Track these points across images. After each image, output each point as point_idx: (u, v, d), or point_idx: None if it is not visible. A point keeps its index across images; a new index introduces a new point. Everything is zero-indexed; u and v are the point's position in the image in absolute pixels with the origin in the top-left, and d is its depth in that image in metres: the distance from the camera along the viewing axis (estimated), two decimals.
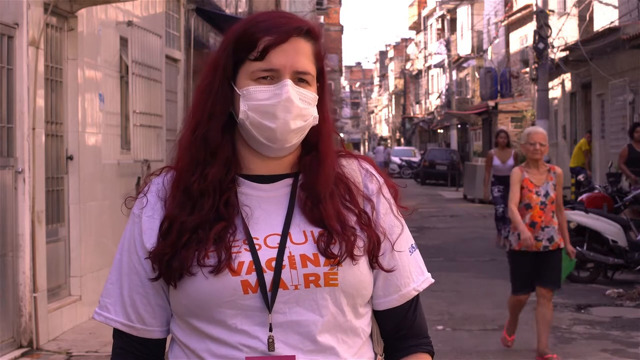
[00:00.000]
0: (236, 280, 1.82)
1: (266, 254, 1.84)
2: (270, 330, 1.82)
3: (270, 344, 1.81)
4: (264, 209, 1.89)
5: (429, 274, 2.01)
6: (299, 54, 1.87)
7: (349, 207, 1.91)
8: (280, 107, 1.84)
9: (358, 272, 1.88)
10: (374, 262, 1.91)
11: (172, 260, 1.85)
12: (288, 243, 1.85)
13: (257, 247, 1.84)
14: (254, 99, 1.86)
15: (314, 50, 1.91)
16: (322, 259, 1.84)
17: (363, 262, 1.89)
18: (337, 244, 1.85)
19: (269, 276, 1.82)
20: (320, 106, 1.92)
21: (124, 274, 1.93)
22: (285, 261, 1.83)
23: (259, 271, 1.82)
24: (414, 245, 1.99)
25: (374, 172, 1.99)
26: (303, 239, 1.86)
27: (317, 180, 1.90)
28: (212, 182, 1.87)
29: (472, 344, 8.20)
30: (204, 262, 1.82)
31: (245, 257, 1.83)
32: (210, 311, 1.83)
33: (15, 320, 7.26)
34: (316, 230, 1.87)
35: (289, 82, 1.84)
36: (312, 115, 1.89)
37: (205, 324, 1.85)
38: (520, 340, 8.32)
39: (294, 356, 1.82)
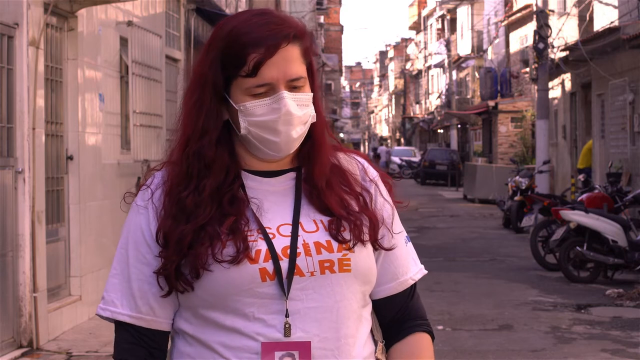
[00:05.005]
0: (254, 268, 1.83)
1: (281, 242, 1.86)
2: (287, 316, 1.84)
3: (287, 330, 1.83)
4: (272, 201, 1.92)
5: (422, 266, 2.06)
6: (289, 62, 1.87)
7: (347, 192, 1.95)
8: (281, 121, 1.86)
9: (368, 258, 1.92)
10: (375, 244, 1.94)
11: (180, 267, 1.85)
12: (300, 231, 1.88)
13: (270, 236, 1.87)
14: (252, 114, 1.87)
15: (302, 50, 1.90)
16: (335, 245, 1.88)
17: (370, 247, 1.93)
18: (346, 230, 1.89)
19: (284, 264, 1.85)
20: (313, 98, 1.93)
21: (131, 266, 1.92)
22: (300, 249, 1.86)
23: (275, 259, 1.84)
24: (407, 237, 2.05)
25: (368, 167, 2.03)
26: (314, 228, 1.90)
27: (314, 168, 1.94)
28: (209, 194, 1.88)
29: (472, 344, 8.20)
30: (221, 256, 1.83)
31: (262, 245, 1.85)
32: (227, 300, 1.84)
33: (15, 320, 7.26)
34: (325, 219, 1.91)
35: (285, 95, 1.85)
36: (310, 116, 1.91)
37: (220, 314, 1.85)
38: (520, 340, 8.33)
39: (309, 342, 1.84)
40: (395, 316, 2.01)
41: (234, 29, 1.88)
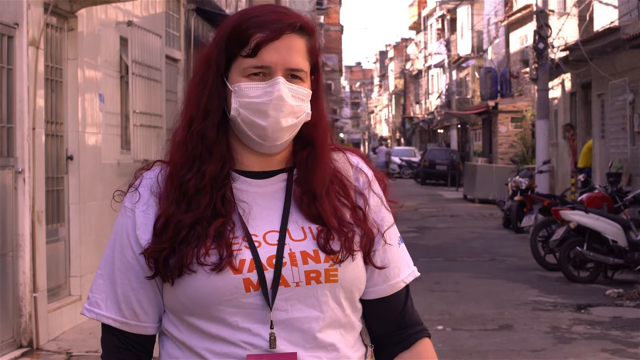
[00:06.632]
0: (238, 278, 1.80)
1: (266, 252, 1.83)
2: (272, 327, 1.81)
3: (272, 341, 1.81)
4: (261, 205, 1.88)
5: (415, 268, 2.01)
6: (291, 50, 1.85)
7: (344, 203, 1.91)
8: (272, 105, 1.83)
9: (356, 267, 1.88)
10: (366, 258, 1.91)
11: (169, 257, 1.83)
12: (287, 240, 1.84)
13: (256, 244, 1.83)
14: (245, 95, 1.84)
15: (308, 46, 1.89)
16: (322, 256, 1.84)
17: (359, 256, 1.89)
18: (335, 240, 1.85)
19: (270, 274, 1.81)
20: (315, 101, 1.90)
21: (116, 269, 1.91)
22: (286, 258, 1.82)
23: (260, 269, 1.81)
24: (401, 239, 2.00)
25: (363, 165, 1.99)
26: (302, 236, 1.85)
27: (313, 177, 1.89)
28: (209, 179, 1.86)
29: (472, 344, 8.20)
30: (204, 260, 1.80)
31: (246, 254, 1.82)
32: (210, 309, 1.82)
33: (15, 320, 7.26)
34: (314, 227, 1.86)
35: (280, 80, 1.83)
36: (304, 112, 1.87)
37: (205, 322, 1.83)
38: (520, 340, 8.32)
39: (295, 353, 1.82)
40: (393, 322, 1.97)
41: (246, 12, 1.89)
